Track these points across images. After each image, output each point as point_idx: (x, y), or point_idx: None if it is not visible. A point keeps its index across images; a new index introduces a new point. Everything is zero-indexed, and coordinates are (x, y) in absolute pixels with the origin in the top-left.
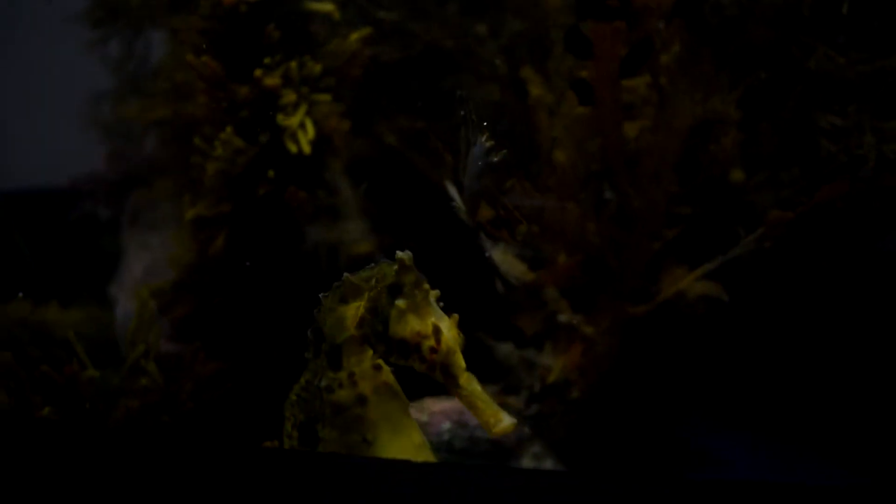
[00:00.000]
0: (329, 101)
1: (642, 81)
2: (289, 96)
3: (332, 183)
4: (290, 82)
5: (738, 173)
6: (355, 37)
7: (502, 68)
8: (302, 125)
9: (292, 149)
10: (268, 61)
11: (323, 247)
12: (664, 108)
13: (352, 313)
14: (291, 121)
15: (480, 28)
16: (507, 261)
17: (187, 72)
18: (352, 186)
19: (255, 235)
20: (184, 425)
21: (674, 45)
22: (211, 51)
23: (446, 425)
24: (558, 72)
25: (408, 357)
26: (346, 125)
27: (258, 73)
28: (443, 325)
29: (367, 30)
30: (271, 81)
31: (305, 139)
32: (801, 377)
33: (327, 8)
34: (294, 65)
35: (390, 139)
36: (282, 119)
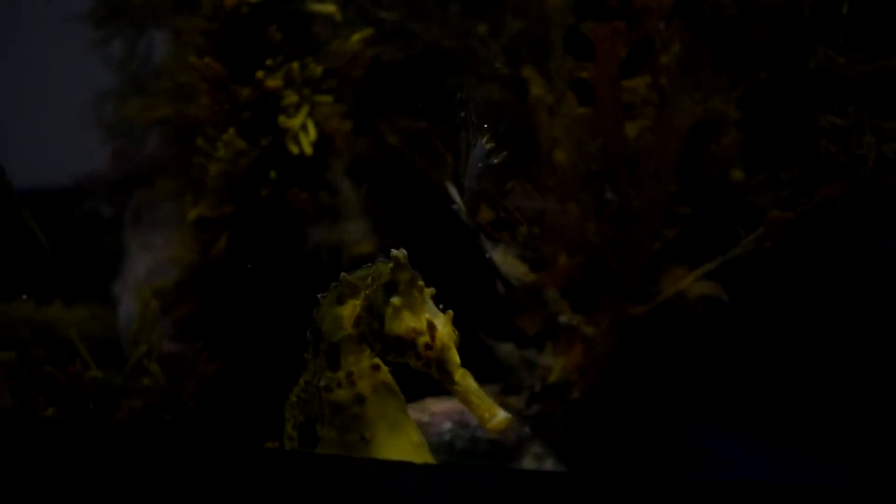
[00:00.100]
0: (331, 102)
1: (642, 81)
2: (290, 97)
3: (333, 184)
4: (292, 84)
5: (738, 173)
6: (357, 38)
7: (503, 68)
8: (304, 126)
9: (294, 150)
10: (270, 63)
11: (324, 247)
12: (664, 108)
13: (349, 312)
14: (293, 122)
15: (481, 28)
16: (507, 262)
17: (190, 72)
18: (353, 187)
19: (258, 236)
20: (186, 425)
21: (674, 46)
22: (213, 52)
23: (447, 425)
24: (559, 72)
25: (404, 354)
26: (348, 126)
27: (260, 74)
28: (437, 322)
29: (369, 31)
30: (273, 83)
31: (307, 140)
32: (802, 377)
33: (329, 9)
34: (296, 66)
35: (392, 140)
36: (283, 120)
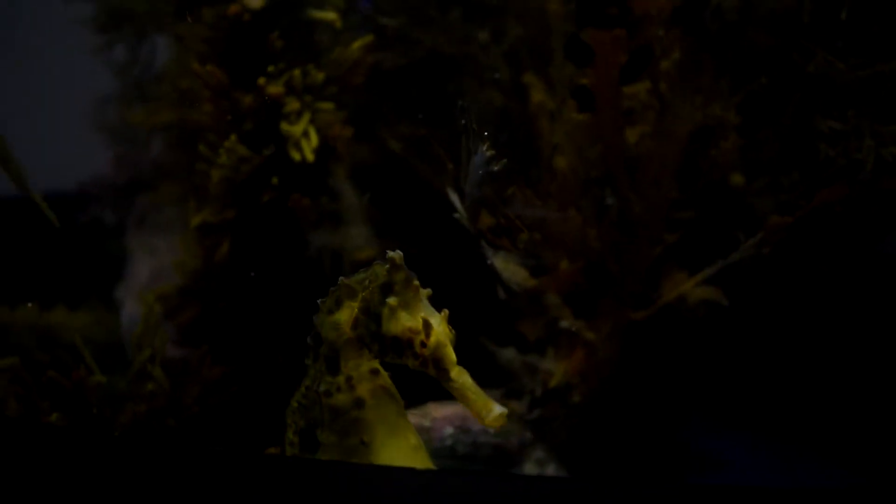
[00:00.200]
0: (332, 108)
1: (643, 88)
2: (292, 104)
3: (335, 189)
4: (294, 90)
5: (738, 178)
6: (358, 45)
7: (504, 75)
8: (305, 133)
9: (296, 157)
10: (271, 70)
11: (326, 252)
12: (665, 114)
13: (347, 315)
14: (295, 129)
15: (482, 35)
16: (508, 267)
17: (192, 79)
18: (355, 193)
19: (260, 242)
20: (189, 430)
21: (674, 52)
22: (215, 59)
23: (449, 430)
24: (560, 79)
25: (401, 354)
26: (349, 132)
27: (262, 81)
28: (433, 321)
29: (370, 38)
30: (275, 90)
31: (309, 147)
32: (802, 379)
33: (330, 17)
34: (297, 73)
35: (393, 146)
36: (285, 127)
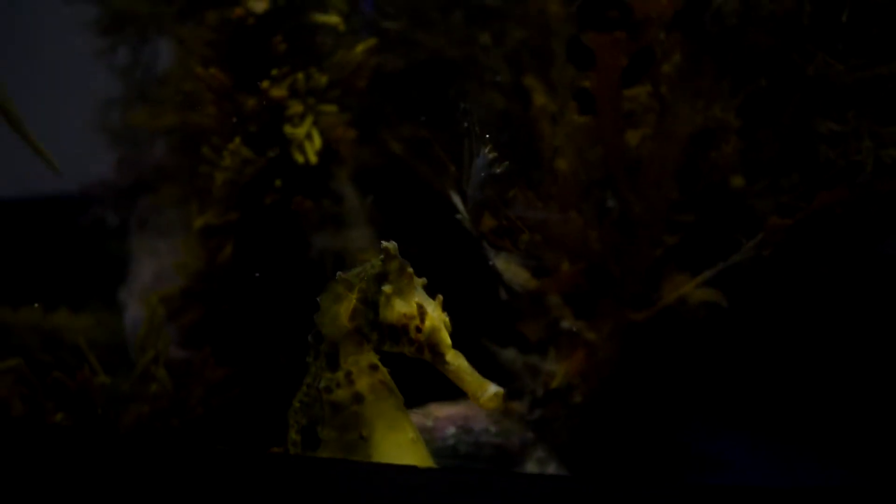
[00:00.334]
0: (335, 111)
1: (643, 90)
2: (295, 107)
3: (337, 191)
4: (297, 93)
5: (738, 180)
6: (360, 48)
7: (506, 77)
8: (308, 136)
9: (299, 159)
10: (275, 73)
11: (329, 254)
12: (665, 116)
13: (345, 308)
14: (298, 131)
15: (484, 37)
16: (510, 269)
17: (195, 81)
18: (357, 195)
19: (263, 243)
20: (193, 430)
21: (674, 55)
22: (219, 62)
23: (451, 430)
24: (561, 81)
25: (398, 341)
26: (352, 135)
27: (265, 84)
28: (427, 306)
29: (372, 41)
30: (278, 93)
31: (312, 149)
32: (802, 381)
33: (333, 20)
34: (301, 76)
35: (395, 148)
36: (289, 129)
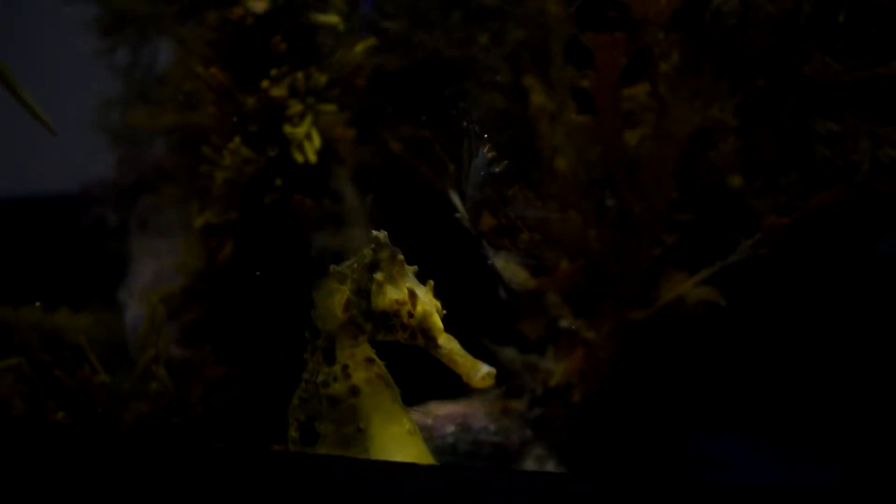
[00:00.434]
0: (334, 110)
1: (642, 90)
2: (295, 107)
3: (337, 191)
4: (297, 93)
5: (736, 179)
6: (360, 48)
7: (505, 77)
8: (308, 135)
9: (299, 158)
10: (274, 73)
11: (328, 253)
12: (664, 115)
13: (339, 299)
14: (298, 131)
15: (483, 37)
16: (509, 268)
17: (195, 81)
18: (357, 194)
19: (263, 243)
20: (193, 428)
21: (673, 54)
22: (219, 62)
23: (450, 429)
24: (560, 81)
25: (391, 328)
26: (352, 134)
27: (265, 84)
28: (418, 291)
29: (372, 40)
30: (278, 92)
31: (311, 149)
32: (801, 380)
33: (332, 20)
34: (300, 76)
35: (395, 148)
36: (288, 129)
